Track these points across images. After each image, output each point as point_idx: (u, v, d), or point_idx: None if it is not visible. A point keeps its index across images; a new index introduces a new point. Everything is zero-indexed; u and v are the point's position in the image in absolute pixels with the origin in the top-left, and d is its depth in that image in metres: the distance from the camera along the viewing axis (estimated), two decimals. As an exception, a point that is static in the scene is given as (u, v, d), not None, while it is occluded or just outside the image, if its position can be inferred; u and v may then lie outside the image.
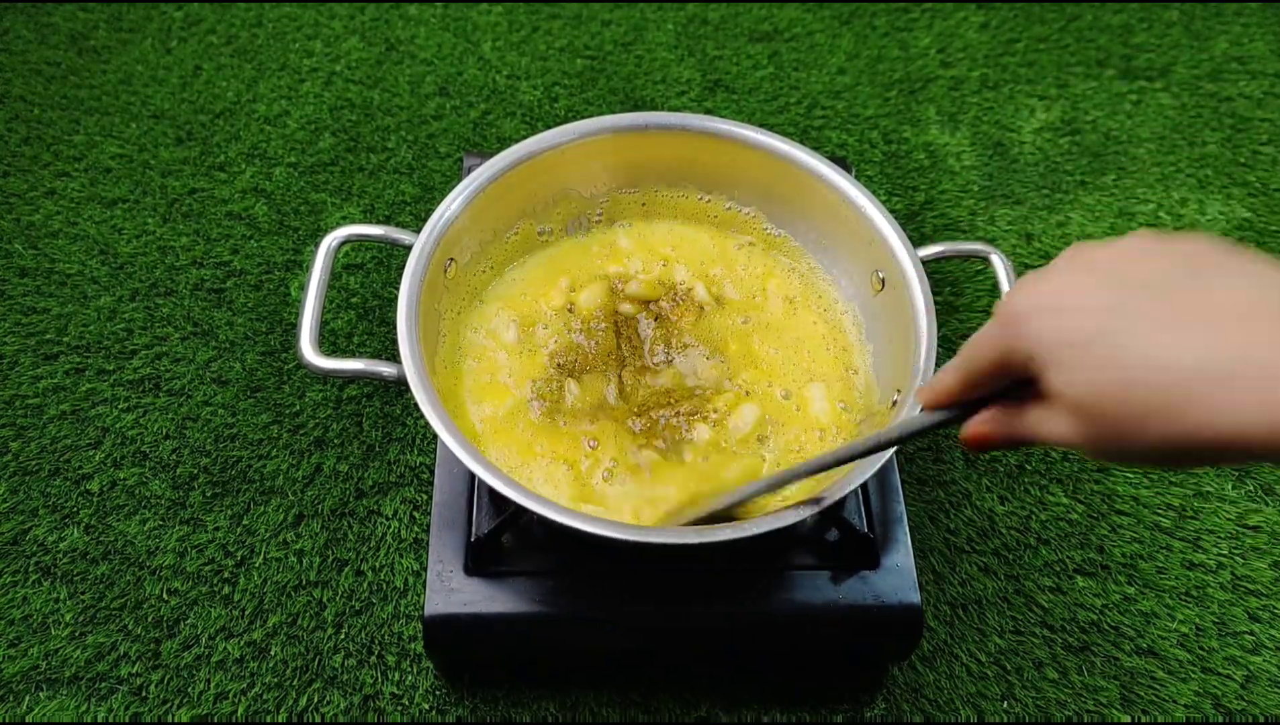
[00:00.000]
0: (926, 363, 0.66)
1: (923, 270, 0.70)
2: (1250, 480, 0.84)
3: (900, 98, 1.11)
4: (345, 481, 0.82)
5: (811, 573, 0.70)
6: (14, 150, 1.02)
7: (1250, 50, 1.16)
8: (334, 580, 0.77)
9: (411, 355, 0.64)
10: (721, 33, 1.16)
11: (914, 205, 1.02)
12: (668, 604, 0.69)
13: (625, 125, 0.77)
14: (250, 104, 1.07)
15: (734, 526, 0.59)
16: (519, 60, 1.13)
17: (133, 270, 0.93)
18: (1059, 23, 1.18)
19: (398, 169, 1.02)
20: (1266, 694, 0.74)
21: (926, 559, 0.79)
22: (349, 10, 1.16)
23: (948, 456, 0.85)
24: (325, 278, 0.69)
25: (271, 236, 0.96)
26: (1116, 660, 0.75)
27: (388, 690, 0.73)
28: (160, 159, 1.02)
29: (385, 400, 0.86)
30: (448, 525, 0.71)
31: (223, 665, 0.73)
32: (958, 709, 0.73)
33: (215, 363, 0.88)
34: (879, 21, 1.18)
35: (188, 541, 0.78)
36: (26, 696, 0.71)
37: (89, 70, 1.09)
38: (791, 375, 0.74)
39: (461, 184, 0.73)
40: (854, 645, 0.71)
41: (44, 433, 0.83)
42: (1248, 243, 0.99)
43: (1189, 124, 1.09)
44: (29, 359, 0.87)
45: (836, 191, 0.74)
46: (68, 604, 0.75)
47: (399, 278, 0.68)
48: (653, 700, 0.73)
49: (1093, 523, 0.82)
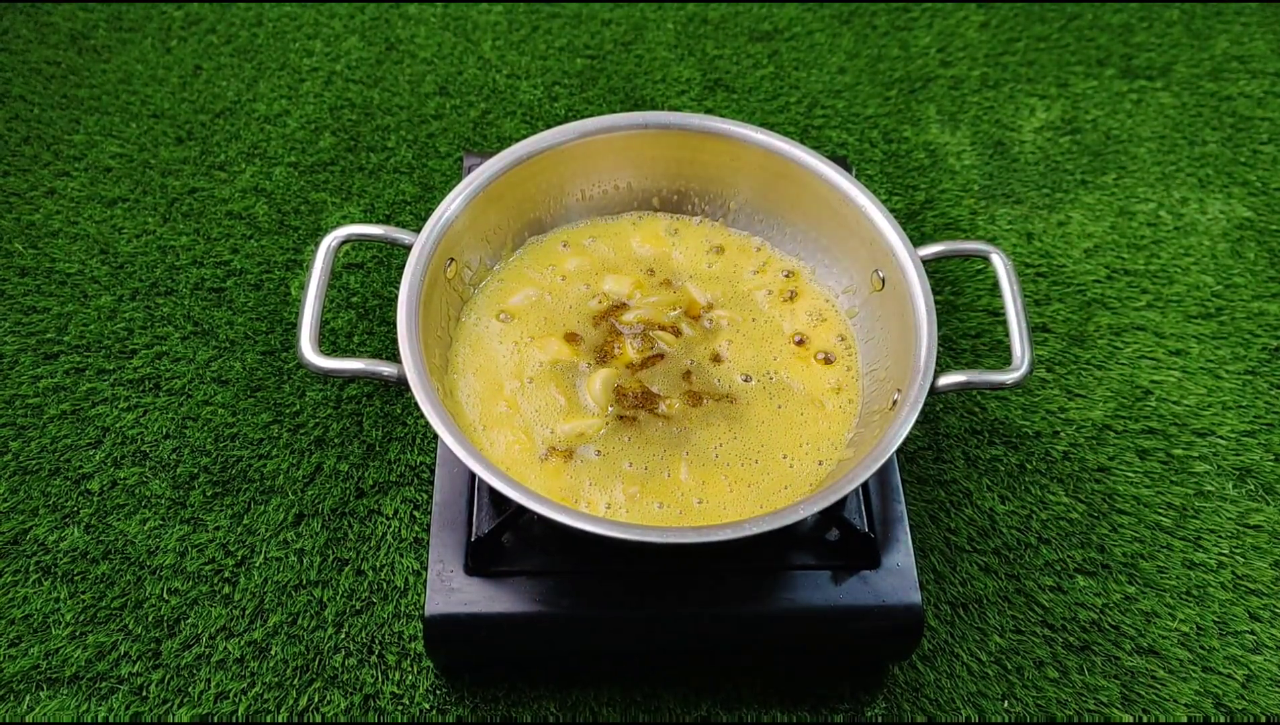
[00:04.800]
0: (926, 362, 0.66)
1: (923, 269, 0.70)
2: (1251, 480, 0.84)
3: (900, 97, 1.11)
4: (345, 481, 0.82)
5: (812, 572, 0.70)
6: (14, 150, 1.02)
7: (1251, 49, 1.16)
8: (334, 580, 0.77)
9: (411, 355, 0.64)
10: (721, 32, 1.16)
11: (914, 204, 1.02)
12: (668, 604, 0.68)
13: (625, 125, 0.77)
14: (250, 103, 1.07)
15: (734, 526, 0.59)
16: (519, 60, 1.13)
17: (133, 270, 0.93)
18: (1059, 22, 1.18)
19: (398, 168, 1.02)
20: (1267, 693, 0.74)
21: (927, 558, 0.79)
22: (349, 10, 1.16)
23: (948, 456, 0.85)
24: (325, 277, 0.69)
25: (271, 236, 0.96)
26: (1117, 660, 0.75)
27: (388, 690, 0.72)
28: (160, 158, 1.02)
29: (385, 400, 0.86)
30: (448, 525, 0.71)
31: (223, 665, 0.73)
32: (958, 708, 0.73)
33: (215, 362, 0.88)
34: (879, 21, 1.18)
35: (188, 541, 0.78)
36: (27, 696, 0.71)
37: (89, 70, 1.09)
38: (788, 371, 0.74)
39: (461, 184, 0.73)
40: (854, 645, 0.71)
41: (44, 432, 0.83)
42: (1248, 242, 0.99)
43: (1189, 123, 1.09)
44: (29, 359, 0.87)
45: (837, 191, 0.74)
46: (68, 603, 0.75)
47: (399, 277, 0.68)
48: (653, 700, 0.73)
49: (1093, 522, 0.81)
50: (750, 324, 0.76)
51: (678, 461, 0.69)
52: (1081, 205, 1.02)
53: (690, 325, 0.75)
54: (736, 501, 0.68)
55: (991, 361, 0.91)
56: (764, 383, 0.73)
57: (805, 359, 0.74)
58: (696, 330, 0.75)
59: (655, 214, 0.82)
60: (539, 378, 0.72)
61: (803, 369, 0.74)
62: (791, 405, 0.72)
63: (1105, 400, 0.88)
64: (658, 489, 0.68)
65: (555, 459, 0.69)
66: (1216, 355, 0.91)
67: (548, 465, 0.68)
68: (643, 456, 0.69)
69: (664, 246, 0.80)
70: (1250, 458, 0.85)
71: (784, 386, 0.73)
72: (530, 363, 0.73)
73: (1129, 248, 0.99)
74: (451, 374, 0.72)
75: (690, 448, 0.70)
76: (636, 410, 0.71)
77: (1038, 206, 1.02)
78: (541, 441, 0.69)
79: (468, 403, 0.71)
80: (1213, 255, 0.98)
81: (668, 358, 0.74)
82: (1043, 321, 0.93)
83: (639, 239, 0.80)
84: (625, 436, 0.70)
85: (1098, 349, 0.91)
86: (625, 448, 0.69)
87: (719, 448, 0.70)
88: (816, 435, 0.71)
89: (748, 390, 0.73)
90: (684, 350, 0.74)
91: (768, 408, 0.72)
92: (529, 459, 0.69)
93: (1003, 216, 1.01)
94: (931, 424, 0.86)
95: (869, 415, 0.71)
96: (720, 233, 0.81)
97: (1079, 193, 1.03)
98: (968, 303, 0.94)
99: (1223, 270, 0.97)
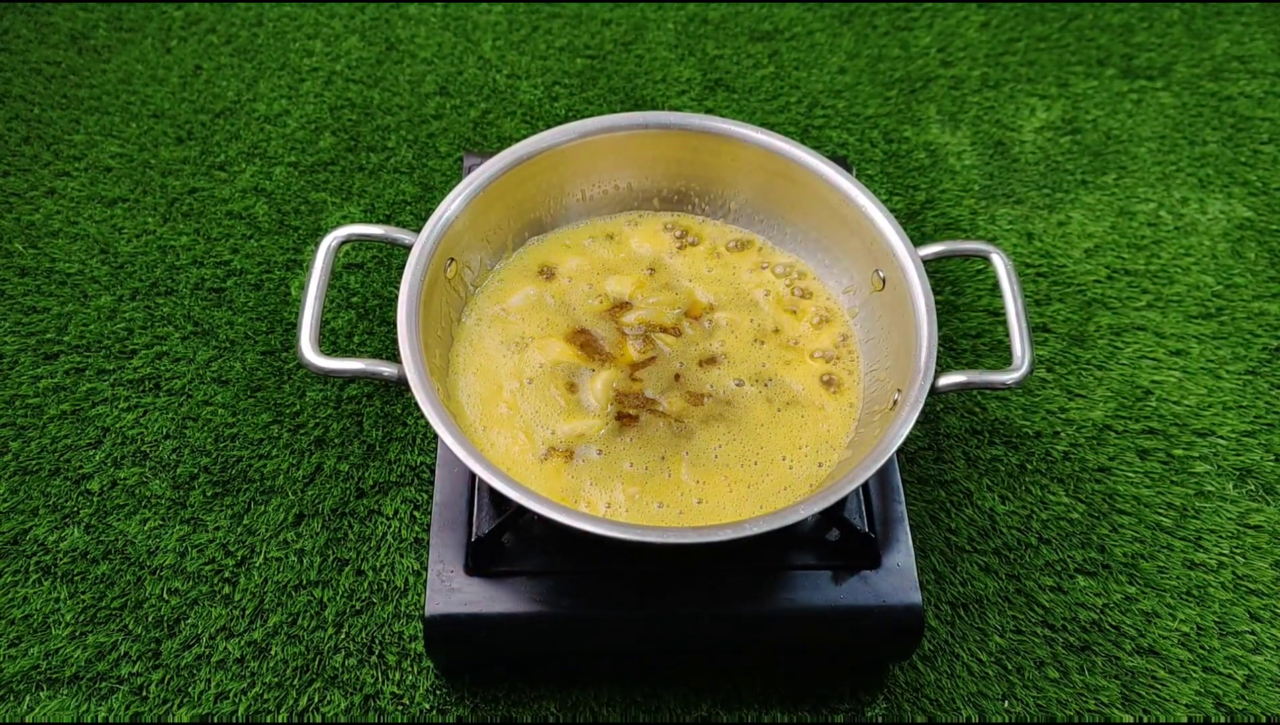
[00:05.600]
0: (927, 362, 0.66)
1: (923, 269, 0.69)
2: (1251, 480, 0.84)
3: (901, 97, 1.10)
4: (346, 481, 0.82)
5: (812, 573, 0.70)
6: (14, 150, 1.02)
7: (1251, 49, 1.15)
8: (334, 580, 0.77)
9: (411, 355, 0.64)
10: (722, 32, 1.16)
11: (914, 204, 1.02)
12: (668, 604, 0.68)
13: (625, 125, 0.77)
14: (250, 103, 1.07)
15: (734, 526, 0.59)
16: (519, 60, 1.13)
17: (133, 270, 0.93)
18: (1059, 22, 1.18)
19: (398, 168, 1.02)
20: (1268, 693, 0.74)
21: (927, 558, 0.79)
22: (349, 10, 1.16)
23: (948, 456, 0.85)
24: (325, 277, 0.69)
25: (271, 236, 0.96)
26: (1117, 660, 0.75)
27: (388, 690, 0.72)
28: (160, 158, 1.02)
29: (385, 400, 0.86)
30: (448, 525, 0.71)
31: (223, 665, 0.73)
32: (959, 708, 0.73)
33: (215, 362, 0.88)
34: (879, 21, 1.18)
35: (188, 541, 0.78)
36: (27, 696, 0.71)
37: (89, 70, 1.09)
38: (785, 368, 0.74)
39: (461, 184, 0.73)
40: (855, 645, 0.71)
41: (44, 432, 0.83)
42: (1248, 242, 0.99)
43: (1190, 123, 1.09)
44: (29, 359, 0.87)
45: (837, 191, 0.74)
46: (68, 604, 0.75)
47: (399, 277, 0.68)
48: (653, 700, 0.73)
49: (1094, 522, 0.81)
50: (750, 324, 0.76)
51: (678, 462, 0.69)
52: (1082, 205, 1.02)
53: (691, 326, 0.75)
54: (736, 502, 0.68)
55: (991, 361, 0.91)
56: (764, 383, 0.73)
57: (805, 359, 0.74)
58: (697, 331, 0.75)
59: (656, 213, 0.82)
60: (539, 378, 0.72)
61: (803, 369, 0.74)
62: (791, 406, 0.72)
63: (1105, 400, 0.88)
64: (658, 489, 0.68)
65: (555, 459, 0.69)
66: (1217, 355, 0.91)
67: (548, 465, 0.68)
68: (643, 457, 0.69)
69: (664, 247, 0.80)
70: (1250, 458, 0.85)
71: (784, 387, 0.73)
72: (531, 363, 0.73)
73: (1129, 248, 0.99)
74: (452, 374, 0.72)
75: (690, 449, 0.69)
76: (637, 411, 0.71)
77: (1038, 206, 1.02)
78: (542, 442, 0.69)
79: (468, 403, 0.71)
80: (1213, 255, 0.98)
81: (668, 358, 0.74)
82: (1043, 321, 0.93)
83: (639, 239, 0.80)
84: (625, 437, 0.70)
85: (1098, 349, 0.91)
86: (625, 448, 0.69)
87: (719, 449, 0.70)
88: (816, 438, 0.71)
89: (747, 392, 0.72)
90: (684, 351, 0.74)
91: (767, 409, 0.72)
92: (529, 459, 0.69)
93: (1003, 216, 1.01)
94: (932, 424, 0.86)
95: (869, 415, 0.71)
96: (721, 232, 0.81)
97: (1079, 193, 1.03)
98: (968, 303, 0.94)
99: (1223, 270, 0.97)
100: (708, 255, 0.80)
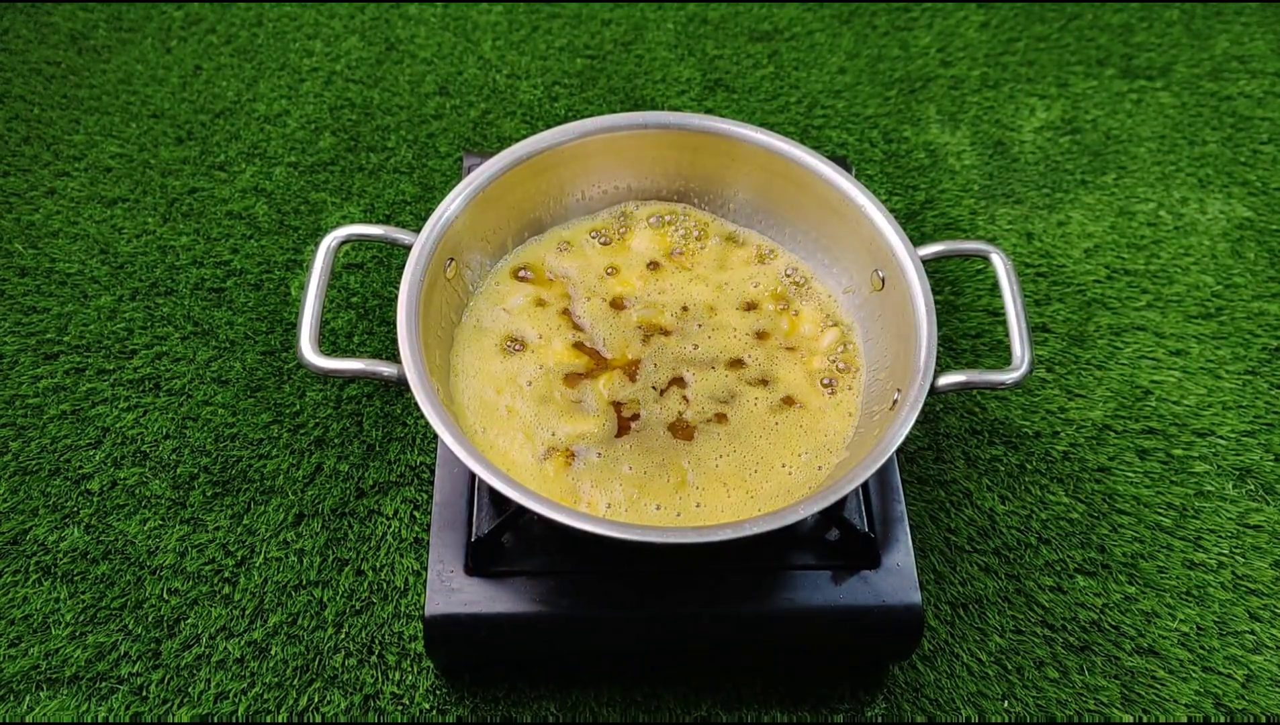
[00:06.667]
0: (926, 362, 0.66)
1: (923, 269, 0.70)
2: (1251, 480, 0.84)
3: (900, 97, 1.11)
4: (345, 481, 0.82)
5: (812, 572, 0.70)
6: (14, 150, 1.02)
7: (1250, 49, 1.16)
8: (334, 580, 0.77)
9: (411, 355, 0.64)
10: (721, 32, 1.16)
11: (914, 204, 1.02)
12: (668, 604, 0.69)
13: (625, 125, 0.77)
14: (250, 103, 1.07)
15: (734, 526, 0.59)
16: (519, 60, 1.13)
17: (133, 270, 0.93)
18: (1059, 22, 1.18)
19: (398, 168, 1.02)
20: (1267, 693, 0.74)
21: (927, 558, 0.79)
22: (349, 10, 1.16)
23: (948, 456, 0.85)
24: (325, 277, 0.69)
25: (271, 236, 0.96)
26: (1117, 660, 0.75)
27: (388, 690, 0.73)
28: (160, 158, 1.02)
29: (385, 400, 0.86)
30: (448, 525, 0.71)
31: (223, 665, 0.73)
32: (958, 708, 0.73)
33: (215, 362, 0.88)
34: (879, 21, 1.18)
35: (188, 541, 0.78)
36: (27, 696, 0.71)
37: (89, 70, 1.09)
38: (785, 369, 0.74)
39: (461, 184, 0.73)
40: (854, 645, 0.71)
41: (44, 432, 0.83)
42: (1248, 242, 0.99)
43: (1189, 123, 1.09)
44: (29, 359, 0.87)
45: (837, 191, 0.74)
46: (68, 604, 0.75)
47: (399, 277, 0.68)
48: (653, 700, 0.73)
49: (1093, 522, 0.81)
50: (750, 325, 0.76)
51: (678, 464, 0.69)
52: (1081, 205, 1.02)
53: (691, 326, 0.75)
54: (735, 503, 0.68)
55: (991, 361, 0.91)
56: (763, 384, 0.73)
57: (805, 360, 0.74)
58: (697, 331, 0.75)
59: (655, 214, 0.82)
60: (539, 379, 0.72)
61: (802, 370, 0.74)
62: (790, 407, 0.72)
63: (1105, 400, 0.88)
64: (658, 491, 0.68)
65: (555, 460, 0.69)
66: (1216, 355, 0.91)
67: (548, 466, 0.68)
68: (643, 459, 0.69)
69: (664, 247, 0.80)
70: (1250, 458, 0.85)
71: (783, 387, 0.73)
72: (530, 364, 0.73)
73: (1129, 248, 0.99)
74: (452, 374, 0.72)
75: (690, 450, 0.70)
76: (637, 412, 0.71)
77: (1038, 206, 1.02)
78: (542, 442, 0.69)
79: (468, 403, 0.71)
80: (1213, 255, 0.98)
81: (668, 359, 0.74)
82: (1043, 321, 0.93)
83: (639, 239, 0.80)
84: (625, 439, 0.70)
85: (1098, 349, 0.91)
86: (625, 450, 0.69)
87: (719, 450, 0.70)
88: (816, 439, 0.71)
89: (747, 392, 0.72)
90: (684, 351, 0.74)
91: (767, 410, 0.72)
92: (529, 460, 0.69)
93: (1003, 216, 1.01)
94: (931, 424, 0.86)
95: (869, 415, 0.71)
96: (721, 232, 0.81)
97: (1079, 193, 1.03)
98: (968, 303, 0.94)
99: (1223, 270, 0.97)
100: (707, 255, 0.80)
